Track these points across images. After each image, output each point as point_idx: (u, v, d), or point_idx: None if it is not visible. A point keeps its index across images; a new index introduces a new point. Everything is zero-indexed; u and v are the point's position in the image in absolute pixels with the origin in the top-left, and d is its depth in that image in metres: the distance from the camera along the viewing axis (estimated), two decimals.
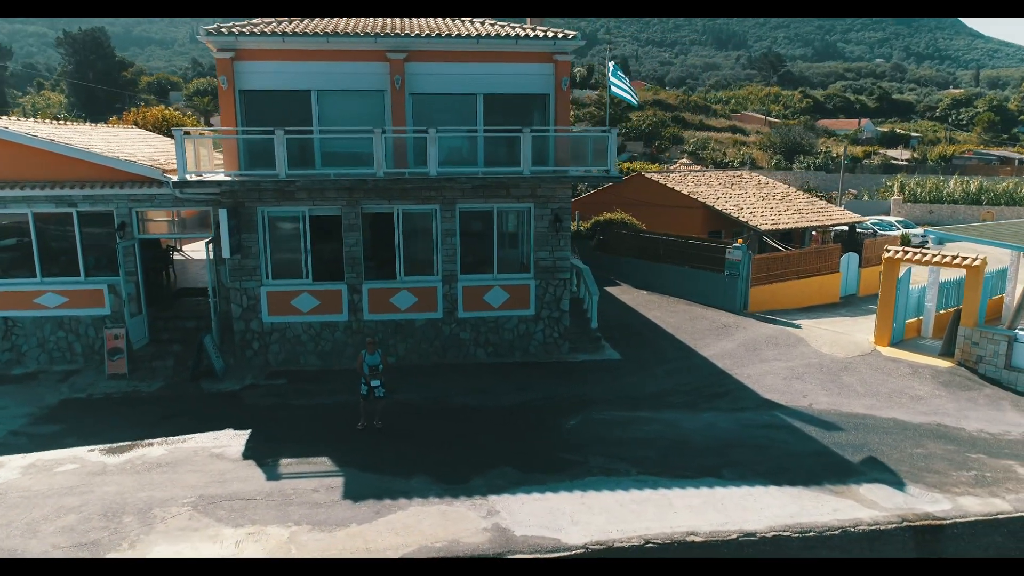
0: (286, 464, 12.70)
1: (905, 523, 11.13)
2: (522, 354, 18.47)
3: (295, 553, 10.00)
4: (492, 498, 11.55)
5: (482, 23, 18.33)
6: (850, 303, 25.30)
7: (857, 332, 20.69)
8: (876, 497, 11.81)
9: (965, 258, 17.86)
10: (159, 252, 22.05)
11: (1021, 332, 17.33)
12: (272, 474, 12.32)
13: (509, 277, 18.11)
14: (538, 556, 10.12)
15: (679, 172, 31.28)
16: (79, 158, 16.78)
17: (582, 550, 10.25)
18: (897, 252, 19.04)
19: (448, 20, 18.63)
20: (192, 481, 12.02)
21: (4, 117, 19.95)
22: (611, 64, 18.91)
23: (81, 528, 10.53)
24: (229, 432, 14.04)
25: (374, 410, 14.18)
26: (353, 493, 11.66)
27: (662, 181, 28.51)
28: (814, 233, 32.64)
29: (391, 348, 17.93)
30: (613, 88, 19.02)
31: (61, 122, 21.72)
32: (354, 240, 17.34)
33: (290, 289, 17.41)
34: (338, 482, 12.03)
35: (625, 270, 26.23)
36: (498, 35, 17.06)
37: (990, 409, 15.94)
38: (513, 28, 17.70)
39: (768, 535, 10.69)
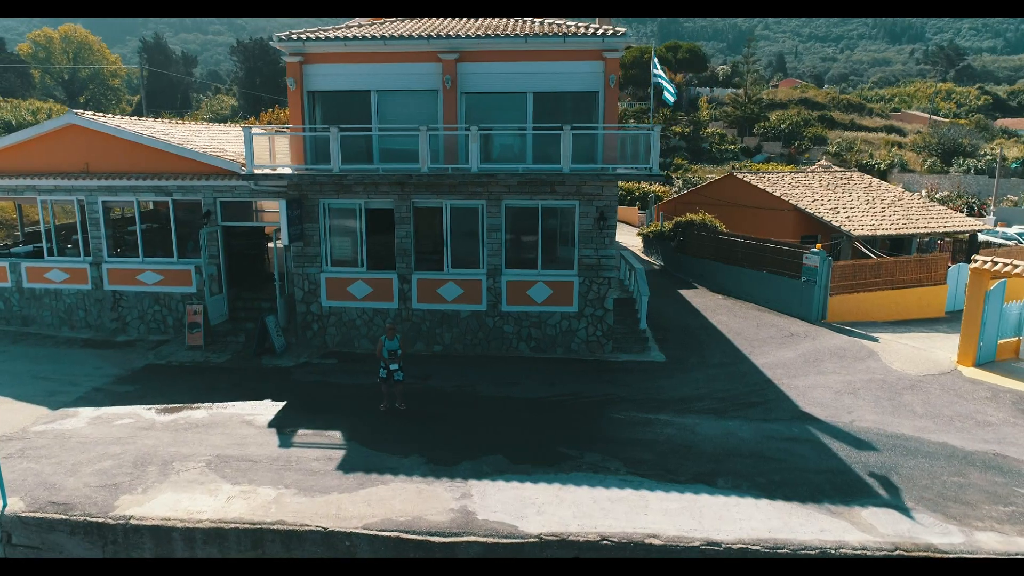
0: (301, 434, 13.79)
1: (898, 551, 10.26)
2: (564, 350, 18.59)
3: (274, 512, 10.95)
4: (472, 482, 11.94)
5: (538, 23, 18.63)
6: (956, 319, 22.86)
7: (941, 350, 18.87)
8: (877, 522, 10.94)
9: None
10: (258, 239, 24.23)
11: None
12: (285, 442, 13.43)
13: (553, 273, 18.30)
14: (497, 540, 10.40)
15: (775, 173, 29.71)
16: (174, 153, 18.97)
17: (535, 539, 10.40)
18: (985, 263, 17.18)
19: (502, 20, 19.10)
20: (217, 442, 13.39)
21: (120, 117, 22.80)
22: (656, 61, 18.47)
23: (112, 472, 12.12)
24: (267, 403, 15.40)
25: (395, 392, 14.98)
26: (347, 465, 12.49)
27: (754, 182, 27.30)
28: (940, 242, 29.91)
29: (437, 337, 18.72)
30: (660, 82, 18.55)
31: (176, 121, 24.50)
32: (405, 232, 18.28)
33: (347, 276, 18.66)
34: (339, 454, 12.92)
35: (703, 272, 25.46)
36: (546, 34, 17.31)
37: None
38: (561, 26, 17.85)
39: (735, 546, 10.27)
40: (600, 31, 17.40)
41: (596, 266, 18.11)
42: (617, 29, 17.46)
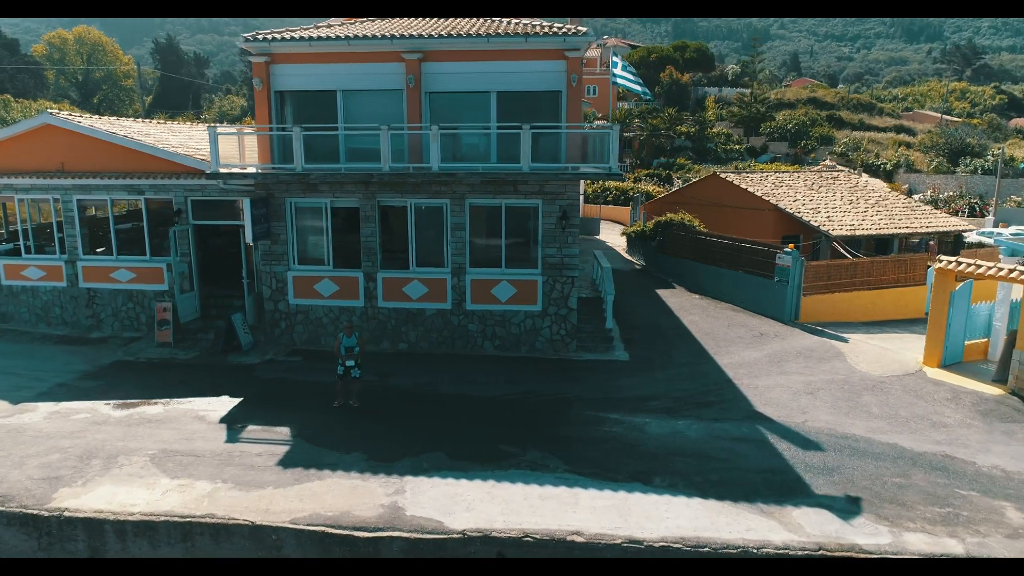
0: (250, 430, 13.95)
1: (821, 551, 10.21)
2: (529, 349, 18.64)
3: (207, 505, 11.10)
4: (408, 479, 12.03)
5: (505, 22, 18.68)
6: None
7: (910, 351, 18.70)
8: (807, 522, 10.90)
9: (1023, 272, 15.65)
10: (237, 238, 24.43)
11: None
12: (233, 437, 13.59)
13: (517, 272, 18.35)
14: (420, 536, 10.48)
15: (759, 173, 29.53)
16: (146, 152, 19.21)
17: (459, 535, 10.47)
18: (949, 264, 17.02)
19: (467, 20, 19.18)
20: (166, 436, 13.58)
21: (95, 116, 23.14)
22: (616, 59, 18.38)
23: (56, 465, 12.34)
24: (224, 399, 15.59)
25: (351, 389, 15.10)
26: (288, 461, 12.62)
27: (736, 182, 27.18)
28: (931, 242, 29.63)
29: (403, 335, 18.84)
30: (619, 81, 18.52)
31: (153, 121, 24.80)
32: (370, 231, 18.41)
33: (313, 274, 18.82)
34: (282, 450, 13.06)
35: (682, 272, 25.39)
36: (508, 33, 17.36)
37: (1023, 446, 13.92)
38: (525, 26, 17.89)
39: (656, 544, 10.28)
40: (562, 30, 17.42)
41: (560, 265, 18.13)
42: (579, 28, 17.49)
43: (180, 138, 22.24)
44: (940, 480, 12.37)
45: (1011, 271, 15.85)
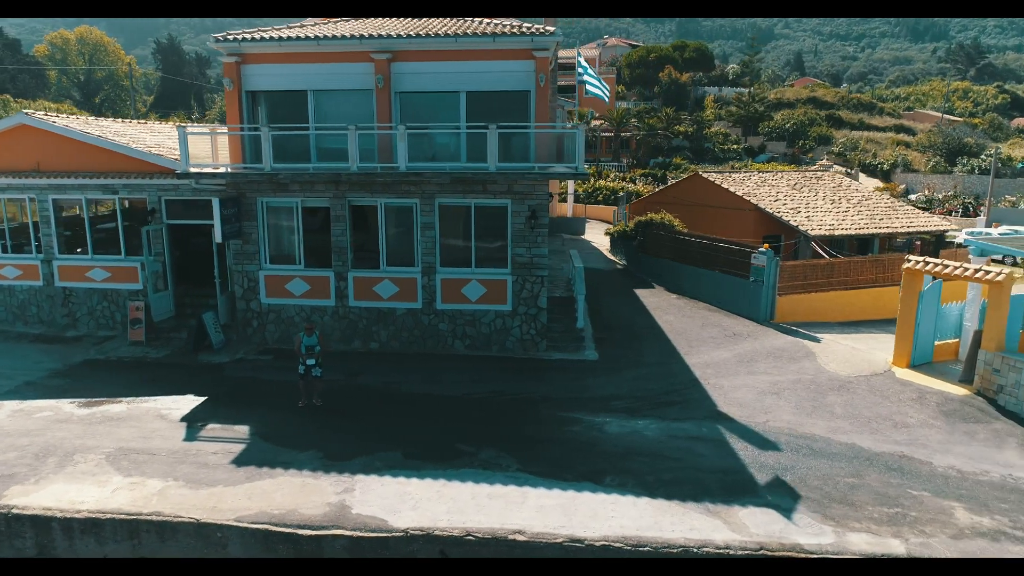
0: (210, 428, 14.01)
1: (762, 551, 10.21)
2: (499, 348, 18.66)
3: (155, 503, 11.16)
4: (359, 477, 12.07)
5: (476, 22, 18.71)
6: None
7: (881, 351, 18.64)
8: (753, 521, 10.89)
9: (987, 271, 15.59)
10: (211, 237, 24.52)
11: None
12: (191, 436, 13.66)
13: (487, 272, 18.37)
14: (363, 534, 10.52)
15: (742, 172, 29.47)
16: (120, 152, 19.30)
17: (401, 534, 10.51)
18: (917, 263, 16.97)
19: (437, 20, 19.21)
20: (125, 435, 13.65)
21: (71, 116, 23.23)
22: (581, 61, 18.40)
23: (12, 463, 12.43)
24: (189, 397, 15.66)
25: (313, 388, 15.15)
26: (243, 459, 12.68)
27: (718, 182, 27.14)
28: (917, 242, 29.55)
29: (374, 335, 18.89)
30: (587, 84, 18.54)
31: (134, 121, 24.90)
32: (341, 230, 18.46)
33: (285, 274, 18.88)
34: (238, 448, 13.12)
35: (661, 272, 25.38)
36: (476, 33, 17.38)
37: (985, 446, 13.86)
38: (494, 26, 17.91)
39: (597, 544, 10.29)
40: (530, 30, 17.44)
41: (529, 265, 18.15)
42: (547, 28, 17.50)
43: (160, 138, 22.34)
44: (893, 480, 12.34)
45: (976, 271, 15.80)
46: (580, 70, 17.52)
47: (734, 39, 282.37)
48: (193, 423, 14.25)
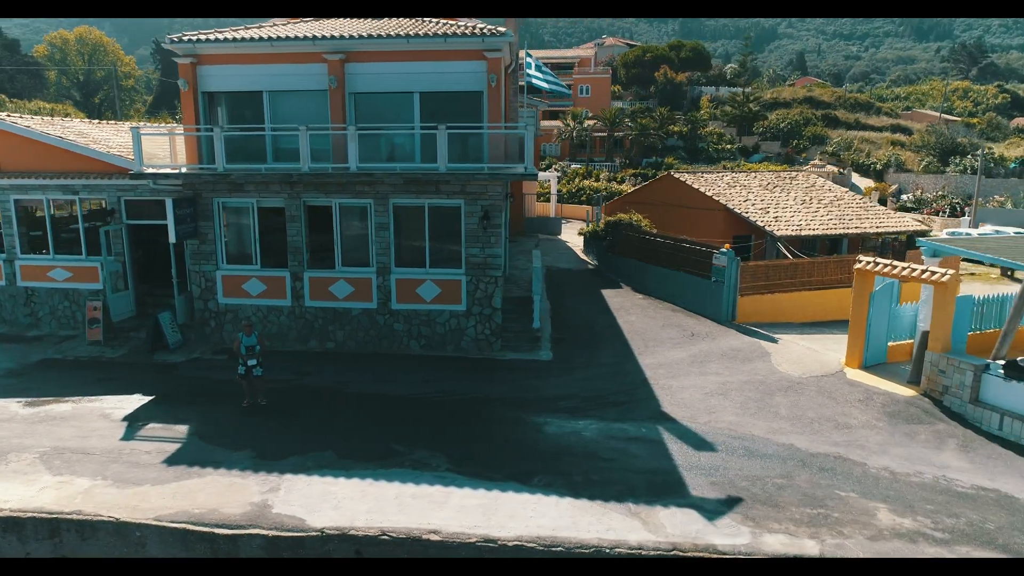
0: (151, 428, 14.09)
1: (674, 551, 10.22)
2: (454, 348, 18.69)
3: (78, 502, 11.23)
4: (287, 476, 12.13)
5: (432, 22, 18.75)
6: None
7: (836, 352, 18.59)
8: (671, 522, 10.90)
9: (933, 272, 15.55)
10: None
11: (993, 363, 14.81)
12: (130, 435, 13.74)
13: (441, 272, 18.41)
14: (279, 534, 10.56)
15: (715, 173, 29.43)
16: (80, 153, 19.41)
17: (317, 533, 10.55)
18: (867, 264, 16.93)
19: (392, 20, 19.26)
20: (64, 434, 13.74)
21: (34, 117, 23.38)
22: (529, 59, 18.43)
23: None
24: (136, 397, 15.75)
25: (256, 388, 15.22)
26: (176, 458, 12.75)
27: (689, 182, 27.12)
28: (893, 243, 29.45)
29: (330, 335, 18.95)
30: (533, 82, 18.57)
31: (102, 122, 25.02)
32: (296, 231, 18.53)
33: (242, 274, 18.96)
34: (174, 447, 13.18)
35: (629, 272, 25.37)
36: (428, 34, 17.42)
37: (924, 447, 13.83)
38: (446, 26, 17.95)
39: (510, 544, 10.32)
40: (481, 31, 17.47)
41: (483, 265, 18.18)
42: (498, 29, 17.52)
43: (127, 138, 22.43)
44: (823, 481, 12.33)
45: (922, 272, 15.76)
46: (526, 70, 17.55)
47: (737, 39, 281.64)
48: (134, 422, 14.33)
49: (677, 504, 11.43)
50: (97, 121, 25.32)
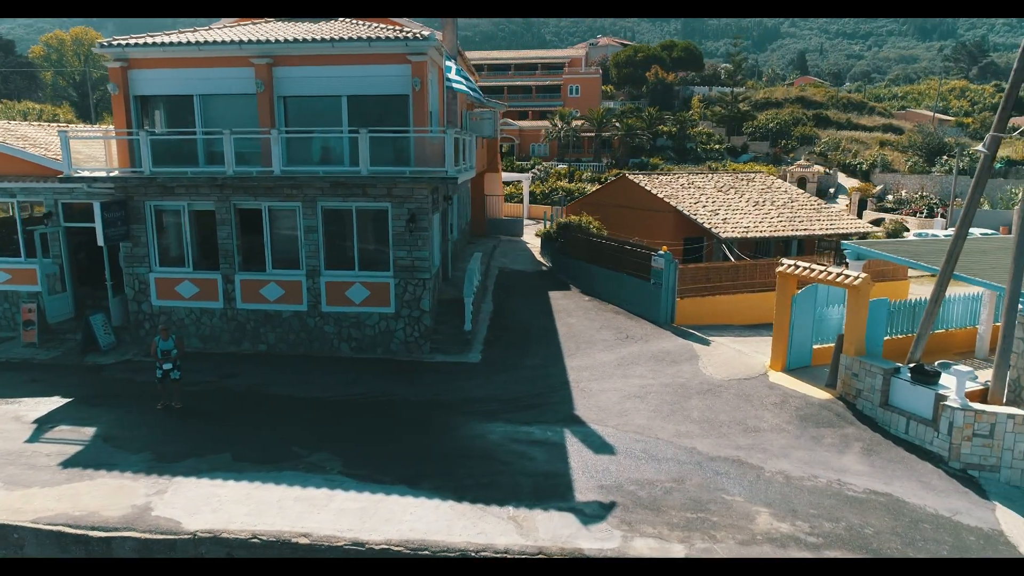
0: (59, 430, 14.21)
1: (540, 555, 10.28)
2: (384, 351, 18.78)
3: None
4: (178, 479, 12.23)
5: (365, 25, 18.84)
6: None
7: (763, 354, 18.59)
8: (546, 526, 10.95)
9: (847, 276, 15.55)
10: None
11: (904, 367, 14.81)
12: (36, 437, 13.87)
13: (370, 275, 18.49)
14: (152, 536, 10.66)
15: (671, 175, 29.42)
16: (15, 156, 19.57)
17: (189, 536, 10.64)
18: (789, 267, 16.93)
19: (320, 23, 19.36)
20: None
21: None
22: (449, 64, 18.48)
23: None
24: (55, 399, 15.88)
25: (171, 391, 15.33)
26: (74, 461, 12.87)
27: (642, 183, 27.13)
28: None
29: (262, 337, 19.05)
30: (454, 86, 18.61)
31: (52, 125, 25.20)
32: (227, 233, 18.63)
33: (174, 276, 19.08)
34: (75, 450, 13.31)
35: (579, 274, 25.40)
36: (352, 38, 17.50)
37: (827, 451, 13.84)
38: (368, 29, 18.03)
39: (377, 547, 10.39)
40: (404, 35, 17.54)
41: (411, 267, 18.26)
42: (421, 33, 17.59)
43: (76, 143, 22.54)
44: (713, 485, 12.36)
45: (836, 275, 15.77)
46: (447, 72, 17.60)
47: (740, 38, 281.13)
48: (45, 424, 14.45)
49: (558, 508, 11.48)
50: (47, 124, 25.48)
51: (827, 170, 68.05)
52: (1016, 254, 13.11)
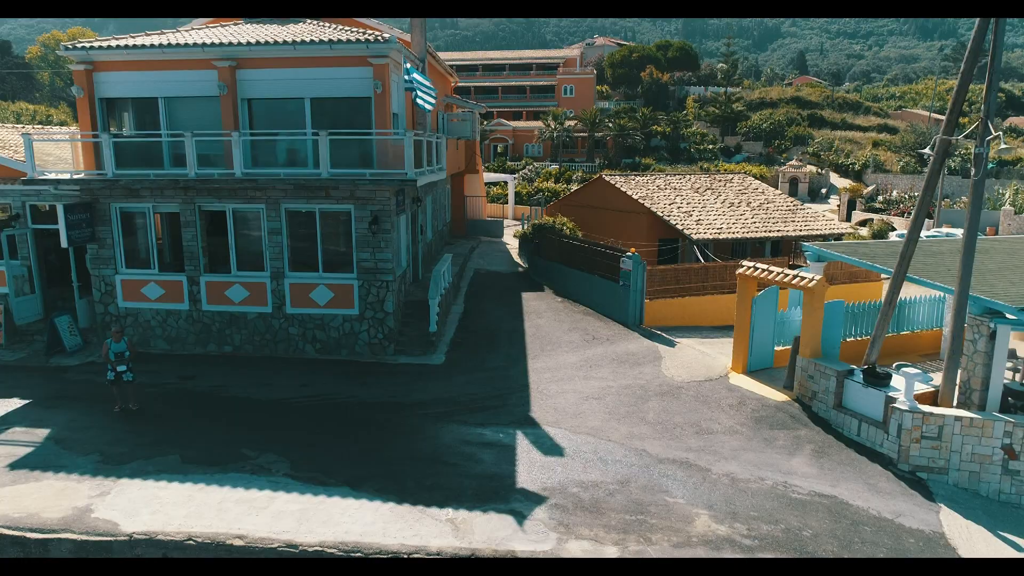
0: (12, 432, 14.27)
1: (474, 556, 10.31)
2: (349, 352, 18.82)
3: None
4: (123, 481, 12.28)
5: (331, 27, 18.89)
6: None
7: (726, 356, 18.61)
8: (482, 528, 10.98)
9: (803, 278, 15.56)
10: None
11: (858, 369, 14.82)
12: None
13: (334, 276, 18.53)
14: (87, 538, 10.71)
15: (648, 176, 29.43)
16: None
17: (126, 538, 10.69)
18: (749, 269, 16.95)
19: (283, 26, 19.42)
20: None
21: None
22: (408, 66, 18.47)
23: None
24: (14, 400, 15.94)
25: (127, 393, 15.39)
26: (21, 462, 12.92)
27: (618, 185, 27.15)
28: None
29: (227, 338, 19.10)
30: (418, 95, 18.57)
31: (26, 127, 25.28)
32: (192, 235, 18.69)
33: (140, 278, 19.13)
34: (25, 452, 13.36)
35: (553, 276, 25.44)
36: (314, 40, 17.56)
37: (778, 453, 13.86)
38: (331, 31, 18.08)
39: (311, 548, 10.43)
40: (365, 37, 17.58)
41: (374, 269, 18.30)
42: (383, 36, 17.63)
43: (48, 144, 22.66)
44: (656, 487, 12.38)
45: (792, 278, 15.78)
46: (407, 78, 17.60)
47: (740, 37, 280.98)
48: None
49: (497, 510, 11.51)
50: (19, 126, 25.57)
51: (819, 170, 68.06)
52: (964, 256, 13.10)
